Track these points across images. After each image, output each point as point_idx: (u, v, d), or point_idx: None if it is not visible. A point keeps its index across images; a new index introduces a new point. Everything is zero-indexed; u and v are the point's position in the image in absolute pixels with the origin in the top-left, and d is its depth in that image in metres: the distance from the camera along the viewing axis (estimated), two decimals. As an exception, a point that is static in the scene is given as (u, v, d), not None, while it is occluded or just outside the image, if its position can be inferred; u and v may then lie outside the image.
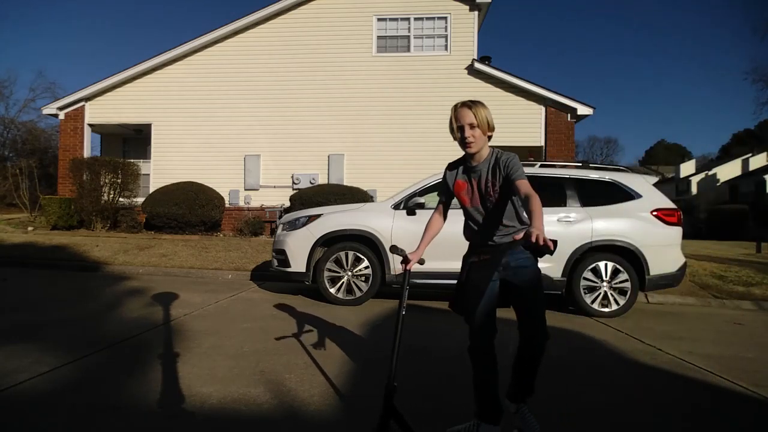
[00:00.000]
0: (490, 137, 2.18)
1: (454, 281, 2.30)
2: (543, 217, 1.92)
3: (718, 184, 38.24)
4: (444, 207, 2.38)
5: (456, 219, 2.45)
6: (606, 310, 5.23)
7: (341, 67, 12.35)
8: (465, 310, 2.16)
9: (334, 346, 3.65)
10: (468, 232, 2.30)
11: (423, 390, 2.82)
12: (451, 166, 2.32)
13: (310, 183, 12.11)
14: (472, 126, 2.10)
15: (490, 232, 2.19)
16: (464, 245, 2.32)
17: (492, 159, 2.16)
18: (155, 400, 2.54)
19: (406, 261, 2.17)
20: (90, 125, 13.19)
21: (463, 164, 2.27)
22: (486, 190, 2.16)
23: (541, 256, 1.93)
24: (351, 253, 5.43)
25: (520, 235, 1.84)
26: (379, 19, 12.44)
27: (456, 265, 2.37)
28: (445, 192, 2.35)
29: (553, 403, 2.70)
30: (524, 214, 2.18)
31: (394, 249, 2.23)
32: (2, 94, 32.81)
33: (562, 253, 5.23)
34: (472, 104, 2.13)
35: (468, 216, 2.27)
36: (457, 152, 2.22)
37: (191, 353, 3.37)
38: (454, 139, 2.17)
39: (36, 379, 2.74)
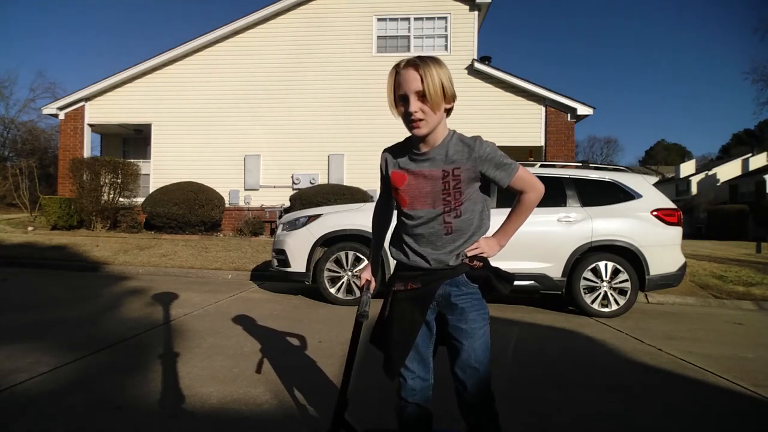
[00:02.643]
0: (449, 111, 1.50)
1: None
2: (515, 227, 1.58)
3: (718, 184, 38.27)
4: (383, 205, 1.79)
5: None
6: (606, 310, 5.23)
7: (341, 67, 12.35)
8: (388, 356, 1.61)
9: (334, 346, 3.64)
10: (398, 244, 1.62)
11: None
12: (389, 150, 1.64)
13: (310, 183, 12.11)
14: (420, 95, 1.42)
15: (431, 249, 1.54)
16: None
17: (452, 145, 1.49)
18: (155, 400, 2.54)
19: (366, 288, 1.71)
20: (90, 125, 13.20)
21: (407, 150, 1.57)
22: (440, 188, 1.50)
23: (488, 291, 1.55)
24: (351, 253, 5.43)
25: (472, 252, 1.52)
26: (379, 19, 12.44)
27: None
28: (383, 184, 1.70)
29: (553, 403, 2.70)
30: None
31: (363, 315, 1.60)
32: (2, 94, 32.83)
33: (562, 253, 5.23)
34: (420, 62, 1.43)
35: (402, 222, 1.60)
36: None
37: (191, 353, 3.37)
38: (396, 115, 1.52)
39: (36, 379, 2.74)
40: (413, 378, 1.58)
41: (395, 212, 1.72)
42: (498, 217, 1.67)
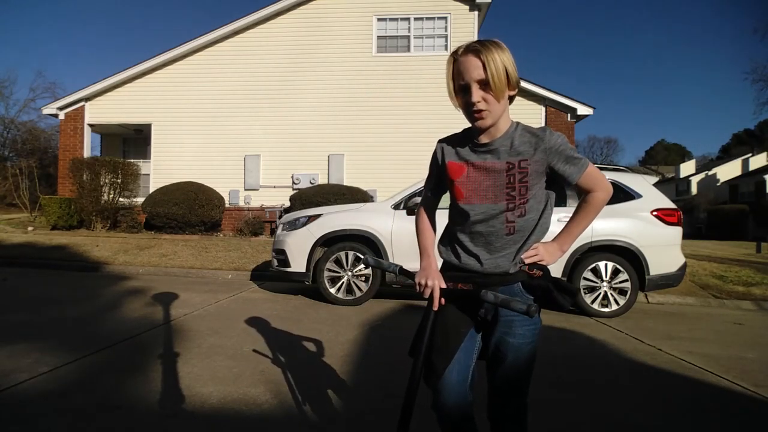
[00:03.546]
0: (512, 99, 1.38)
1: None
2: (581, 230, 1.45)
3: (718, 184, 38.27)
4: (431, 204, 1.59)
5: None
6: (606, 310, 5.23)
7: (341, 67, 12.35)
8: (428, 363, 1.40)
9: (334, 346, 3.64)
10: (449, 243, 1.50)
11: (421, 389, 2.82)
12: (447, 140, 1.49)
13: (310, 183, 12.11)
14: (482, 84, 1.29)
15: (486, 251, 1.41)
16: None
17: (517, 135, 1.37)
18: (155, 400, 2.54)
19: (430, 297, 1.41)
20: (90, 125, 13.20)
21: (467, 140, 1.44)
22: (504, 182, 1.36)
23: (546, 304, 1.38)
24: (351, 253, 5.43)
25: (531, 259, 1.39)
26: (379, 19, 12.44)
27: None
28: (434, 178, 1.53)
29: (552, 403, 2.70)
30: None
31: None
32: (2, 94, 32.83)
33: (562, 253, 5.23)
34: (481, 48, 1.29)
35: (456, 217, 1.47)
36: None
37: (191, 353, 3.37)
38: (456, 106, 1.39)
39: (36, 379, 2.74)
40: (449, 391, 1.39)
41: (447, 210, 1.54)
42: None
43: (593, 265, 5.25)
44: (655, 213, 5.35)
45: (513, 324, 1.40)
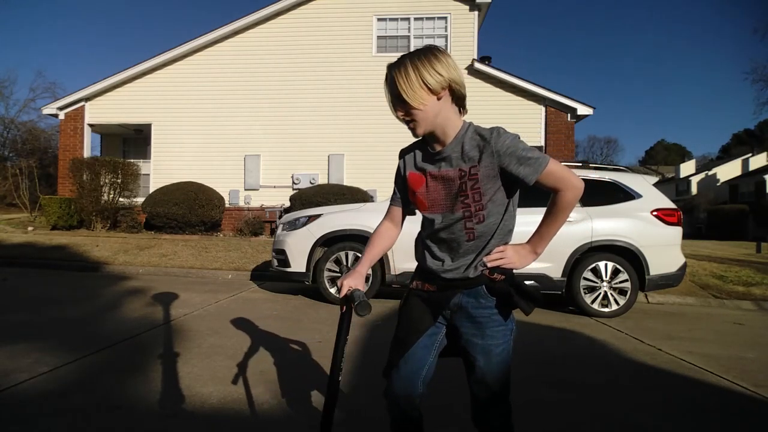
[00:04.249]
0: (458, 101, 1.36)
1: None
2: (552, 232, 1.39)
3: (718, 184, 38.28)
4: (393, 215, 1.57)
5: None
6: (606, 310, 5.23)
7: (341, 67, 12.35)
8: (390, 354, 1.51)
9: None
10: (419, 247, 1.53)
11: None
12: (407, 151, 1.52)
13: (310, 183, 12.11)
14: (398, 98, 1.33)
15: (450, 257, 1.42)
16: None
17: (467, 139, 1.35)
18: (155, 400, 2.54)
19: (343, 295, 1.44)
20: (90, 125, 13.20)
21: (424, 150, 1.45)
22: (458, 189, 1.36)
23: (506, 308, 1.40)
24: (351, 253, 5.43)
25: (493, 263, 1.38)
26: (379, 19, 12.44)
27: None
28: (399, 188, 1.55)
29: (552, 403, 2.70)
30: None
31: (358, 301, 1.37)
32: (2, 94, 32.83)
33: (562, 253, 5.23)
34: (394, 65, 1.34)
35: (424, 223, 1.50)
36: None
37: (191, 353, 3.37)
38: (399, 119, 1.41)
39: (36, 379, 2.74)
40: (399, 381, 1.46)
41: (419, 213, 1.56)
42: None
43: (593, 265, 5.25)
44: (655, 213, 5.35)
45: (483, 325, 1.40)
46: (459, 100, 1.36)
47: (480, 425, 1.45)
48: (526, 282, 5.22)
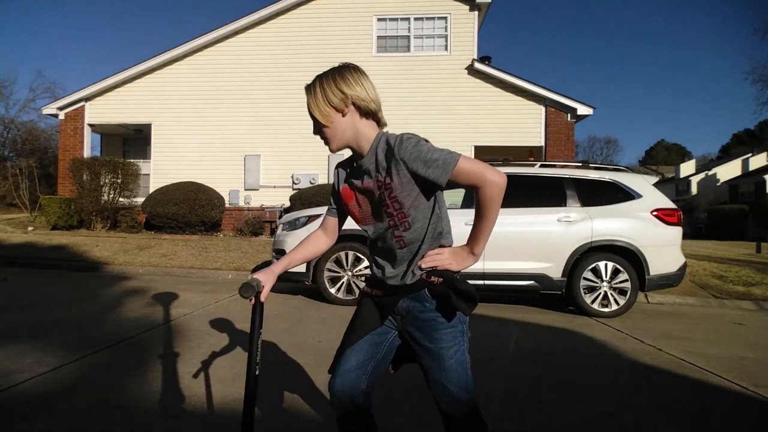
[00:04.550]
0: (372, 117, 1.42)
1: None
2: (485, 231, 1.34)
3: (718, 184, 38.26)
4: (333, 220, 1.59)
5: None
6: (606, 310, 5.23)
7: (341, 67, 12.34)
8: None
9: (334, 346, 3.62)
10: (370, 253, 1.55)
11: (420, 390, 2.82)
12: (340, 165, 1.57)
13: (310, 183, 12.11)
14: (313, 120, 1.42)
15: (390, 264, 1.45)
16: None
17: (380, 149, 1.37)
18: (155, 400, 2.54)
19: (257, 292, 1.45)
20: (90, 125, 13.20)
21: (350, 163, 1.51)
22: (378, 199, 1.38)
23: (446, 311, 1.38)
24: (351, 253, 5.43)
25: (427, 265, 1.39)
26: (379, 19, 12.44)
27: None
28: (334, 199, 1.58)
29: (552, 403, 2.70)
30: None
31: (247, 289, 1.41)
32: (2, 94, 32.82)
33: (562, 253, 5.23)
34: (309, 84, 1.42)
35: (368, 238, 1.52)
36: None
37: (191, 353, 3.37)
38: None
39: (36, 379, 2.74)
40: (340, 377, 1.47)
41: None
42: (504, 217, 1.54)
43: (593, 265, 5.25)
44: (655, 213, 5.36)
45: (431, 328, 1.39)
46: (368, 114, 1.39)
47: (448, 428, 1.42)
48: (525, 282, 5.22)
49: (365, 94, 1.37)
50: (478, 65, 11.98)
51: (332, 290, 5.43)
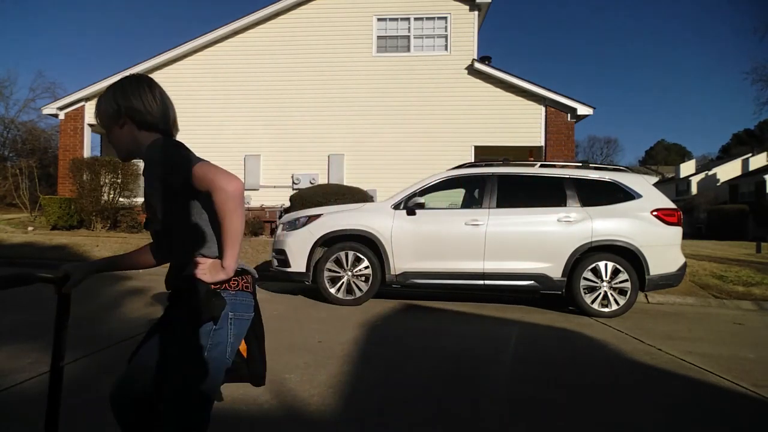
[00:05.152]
0: (150, 128, 1.41)
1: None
2: (229, 242, 1.24)
3: (718, 184, 38.27)
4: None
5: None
6: (606, 310, 5.23)
7: (341, 67, 12.35)
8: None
9: (334, 346, 3.64)
10: None
11: (421, 389, 2.82)
12: None
13: (310, 183, 12.11)
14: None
15: (170, 264, 1.45)
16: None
17: (146, 158, 1.38)
18: (155, 400, 2.53)
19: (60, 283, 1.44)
20: (90, 125, 13.19)
21: None
22: (147, 206, 1.42)
23: (195, 313, 1.29)
24: (351, 253, 5.43)
25: (186, 272, 1.34)
26: (379, 19, 12.44)
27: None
28: None
29: (552, 403, 2.70)
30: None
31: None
32: (2, 94, 32.80)
33: (562, 253, 5.23)
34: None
35: None
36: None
37: (191, 353, 3.36)
38: None
39: (36, 379, 2.74)
40: (122, 373, 1.48)
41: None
42: (505, 217, 1.51)
43: (593, 265, 5.25)
44: (655, 213, 5.36)
45: (173, 327, 1.36)
46: (144, 125, 1.39)
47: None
48: (525, 282, 5.22)
49: (143, 105, 1.39)
50: (478, 65, 11.98)
51: (332, 290, 5.43)
